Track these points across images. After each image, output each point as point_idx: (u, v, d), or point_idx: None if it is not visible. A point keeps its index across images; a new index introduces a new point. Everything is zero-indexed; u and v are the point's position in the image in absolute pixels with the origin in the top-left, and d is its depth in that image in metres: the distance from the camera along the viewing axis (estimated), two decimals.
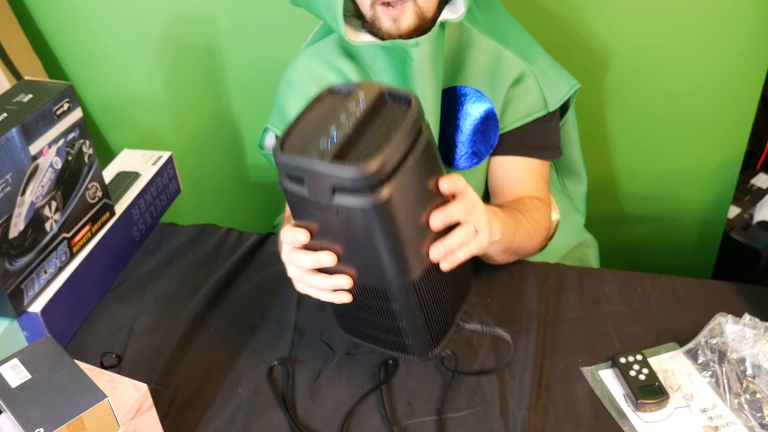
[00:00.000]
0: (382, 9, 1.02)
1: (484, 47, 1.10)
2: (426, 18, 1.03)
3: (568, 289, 1.11)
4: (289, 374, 0.99)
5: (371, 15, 1.04)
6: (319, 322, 1.07)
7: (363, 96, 0.76)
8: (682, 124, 1.46)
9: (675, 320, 1.05)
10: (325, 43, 1.13)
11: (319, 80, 1.11)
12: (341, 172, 0.68)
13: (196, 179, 1.63)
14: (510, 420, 0.91)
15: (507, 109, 1.12)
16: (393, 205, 0.70)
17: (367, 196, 0.69)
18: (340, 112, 0.75)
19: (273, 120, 1.18)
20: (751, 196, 1.59)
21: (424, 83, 1.04)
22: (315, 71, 1.12)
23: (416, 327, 0.82)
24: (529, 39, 1.16)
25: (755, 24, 1.31)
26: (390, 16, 1.02)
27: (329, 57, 1.11)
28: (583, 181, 1.33)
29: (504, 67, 1.09)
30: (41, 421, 0.71)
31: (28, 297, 1.01)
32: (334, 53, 1.11)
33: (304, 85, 1.12)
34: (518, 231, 1.01)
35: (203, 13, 1.48)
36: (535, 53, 1.14)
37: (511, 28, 1.15)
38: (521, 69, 1.10)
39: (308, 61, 1.13)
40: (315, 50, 1.13)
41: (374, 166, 0.68)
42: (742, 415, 0.90)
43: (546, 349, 1.01)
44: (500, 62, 1.09)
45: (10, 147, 0.93)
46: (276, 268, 1.19)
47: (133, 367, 1.02)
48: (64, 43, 1.58)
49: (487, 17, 1.14)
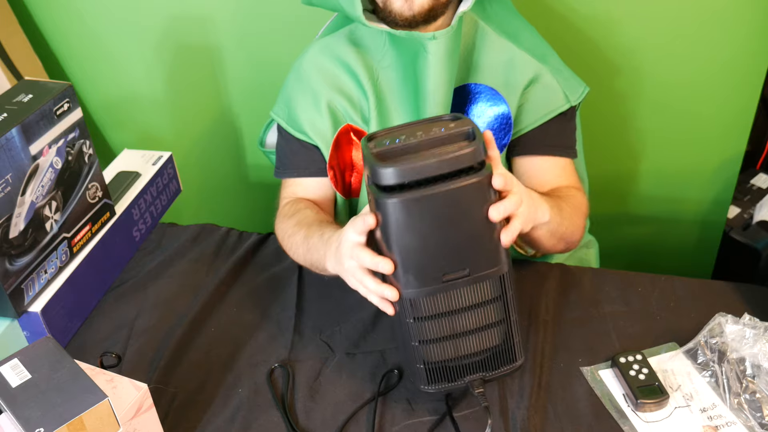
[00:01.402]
0: None
1: (498, 46, 1.09)
2: (441, 1, 1.01)
3: (568, 289, 1.12)
4: (289, 376, 0.99)
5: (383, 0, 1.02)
6: (319, 321, 1.08)
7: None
8: (681, 124, 1.46)
9: (675, 320, 1.05)
10: (335, 36, 1.13)
11: (326, 74, 1.11)
12: (454, 156, 0.77)
13: (196, 179, 1.63)
14: (510, 420, 0.91)
15: (526, 109, 1.10)
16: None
17: (480, 175, 0.78)
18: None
19: (277, 109, 1.18)
20: (751, 196, 1.59)
21: (438, 78, 1.03)
22: (323, 65, 1.12)
23: (516, 322, 0.86)
24: (540, 40, 1.16)
25: (755, 24, 1.31)
26: None
27: (338, 50, 1.11)
28: (584, 183, 1.32)
29: (518, 68, 1.08)
30: (41, 421, 0.71)
31: (29, 297, 1.01)
32: (343, 47, 1.11)
33: (311, 77, 1.12)
34: (563, 214, 1.01)
35: (203, 13, 1.48)
36: (547, 53, 1.13)
37: (523, 28, 1.15)
38: (536, 69, 1.09)
39: (317, 54, 1.13)
40: (325, 43, 1.13)
41: (482, 147, 0.79)
42: (742, 414, 0.90)
43: (546, 349, 1.01)
44: (514, 62, 1.08)
45: (10, 147, 0.93)
46: (276, 267, 1.19)
47: (134, 366, 1.02)
48: (64, 43, 1.58)
49: (499, 15, 1.13)
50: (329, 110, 1.11)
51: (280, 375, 1.00)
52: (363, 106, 1.11)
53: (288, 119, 1.15)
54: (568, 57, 1.19)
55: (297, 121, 1.13)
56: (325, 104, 1.11)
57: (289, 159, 1.17)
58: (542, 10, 1.36)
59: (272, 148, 1.28)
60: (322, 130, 1.12)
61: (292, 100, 1.14)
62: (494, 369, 0.88)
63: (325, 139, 1.12)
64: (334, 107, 1.12)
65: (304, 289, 1.14)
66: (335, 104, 1.11)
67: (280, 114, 1.17)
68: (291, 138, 1.15)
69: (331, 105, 1.11)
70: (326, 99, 1.11)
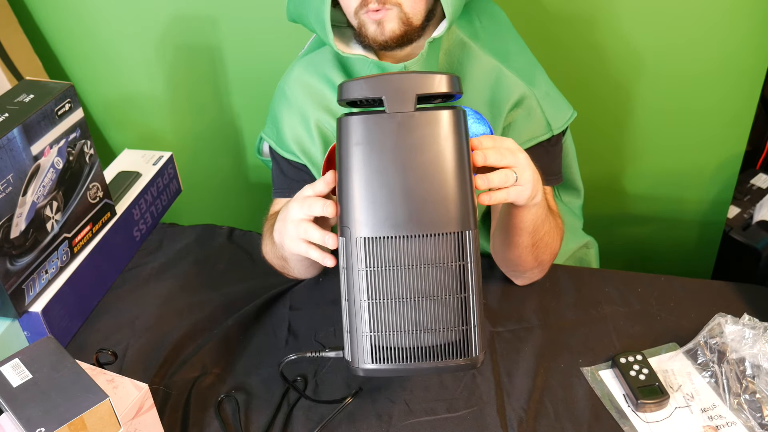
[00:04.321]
0: (367, 15, 1.00)
1: (485, 66, 1.07)
2: (413, 25, 1.00)
3: (568, 289, 1.12)
4: (287, 376, 0.99)
5: (357, 23, 1.02)
6: (314, 323, 1.08)
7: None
8: (681, 124, 1.46)
9: (675, 320, 1.05)
10: (319, 53, 1.12)
11: (312, 92, 1.10)
12: (430, 77, 0.75)
13: (197, 179, 1.63)
14: (509, 420, 0.91)
15: (508, 132, 1.09)
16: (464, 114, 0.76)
17: (449, 106, 0.75)
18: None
19: (267, 130, 1.17)
20: (751, 196, 1.59)
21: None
22: (308, 83, 1.11)
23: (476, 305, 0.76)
24: (531, 59, 1.13)
25: (755, 24, 1.31)
26: (374, 20, 0.99)
27: (323, 68, 1.10)
28: (580, 195, 1.31)
29: (504, 89, 1.07)
30: (42, 421, 0.71)
31: (29, 297, 1.01)
32: (327, 65, 1.10)
33: (297, 97, 1.11)
34: (547, 221, 0.99)
35: (203, 13, 1.48)
36: (537, 74, 1.11)
37: (514, 46, 1.12)
38: (521, 91, 1.07)
39: (302, 73, 1.12)
40: (309, 61, 1.12)
41: (459, 83, 0.77)
42: (742, 415, 0.90)
43: (546, 349, 1.01)
44: (500, 83, 1.07)
45: (11, 147, 0.93)
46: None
47: (134, 366, 1.02)
48: (64, 43, 1.58)
49: (489, 32, 1.11)
50: (318, 131, 1.10)
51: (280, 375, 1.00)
52: None
53: (277, 140, 1.14)
54: (568, 58, 1.19)
55: (285, 141, 1.12)
56: (314, 125, 1.10)
57: (279, 179, 1.16)
58: (541, 11, 1.36)
59: (269, 157, 1.28)
60: (311, 152, 1.11)
61: (279, 121, 1.14)
62: (446, 357, 0.75)
63: (314, 161, 1.11)
64: (323, 127, 1.10)
65: (302, 290, 1.14)
66: (324, 124, 1.10)
67: (270, 135, 1.16)
68: (281, 158, 1.14)
69: (320, 125, 1.10)
70: (315, 119, 1.10)
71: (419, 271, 0.74)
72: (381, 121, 0.74)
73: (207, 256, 1.24)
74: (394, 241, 0.74)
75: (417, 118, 0.74)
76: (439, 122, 0.74)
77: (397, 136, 0.74)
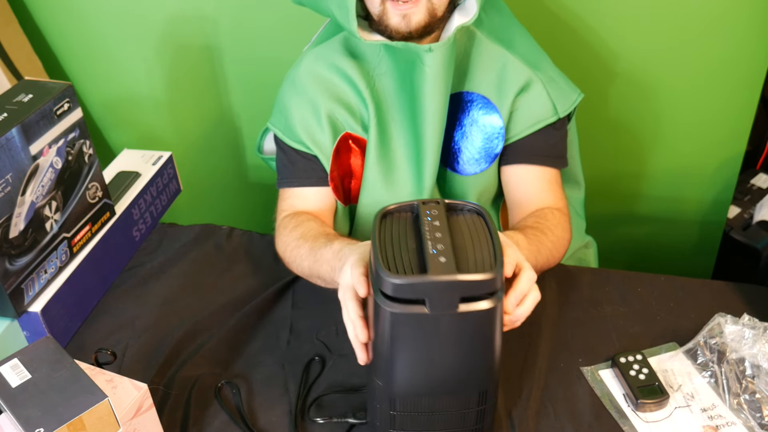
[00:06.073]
0: (392, 4, 1.00)
1: (491, 53, 1.09)
2: (436, 16, 1.01)
3: (568, 289, 1.12)
4: (286, 376, 0.99)
5: (380, 11, 1.02)
6: (316, 321, 1.08)
7: (428, 211, 0.80)
8: (681, 124, 1.46)
9: (675, 320, 1.05)
10: (329, 44, 1.13)
11: (323, 82, 1.11)
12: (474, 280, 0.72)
13: (196, 179, 1.63)
14: (509, 420, 0.91)
15: (515, 117, 1.11)
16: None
17: (492, 298, 0.74)
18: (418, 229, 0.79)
19: (274, 120, 1.17)
20: (751, 196, 1.59)
21: (435, 89, 1.03)
22: (319, 73, 1.11)
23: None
24: (535, 46, 1.15)
25: (755, 24, 1.31)
26: (400, 12, 1.00)
27: (333, 58, 1.10)
28: (581, 189, 1.32)
29: (510, 75, 1.08)
30: (41, 421, 0.71)
31: (29, 297, 1.01)
32: (338, 55, 1.10)
33: (307, 87, 1.11)
34: (540, 253, 1.00)
35: (203, 13, 1.48)
36: (541, 60, 1.13)
37: (518, 34, 1.14)
38: (527, 76, 1.08)
39: (312, 63, 1.12)
40: (319, 52, 1.13)
41: (502, 271, 0.75)
42: (742, 415, 0.90)
43: (546, 349, 1.01)
44: (506, 69, 1.08)
45: (10, 147, 0.93)
46: (275, 267, 1.19)
47: (134, 366, 1.02)
48: (64, 43, 1.58)
49: (494, 22, 1.13)
50: (329, 121, 1.10)
51: (280, 375, 1.00)
52: (363, 113, 1.11)
53: (285, 129, 1.14)
54: (568, 58, 1.19)
55: (294, 131, 1.12)
56: (325, 116, 1.10)
57: (288, 169, 1.15)
58: (541, 12, 1.37)
59: (270, 155, 1.28)
60: (322, 142, 1.11)
61: (288, 111, 1.13)
62: None
63: (324, 151, 1.11)
64: (335, 118, 1.11)
65: (302, 289, 1.14)
66: (335, 115, 1.11)
67: (277, 124, 1.16)
68: (288, 148, 1.14)
69: (332, 116, 1.10)
70: (326, 110, 1.10)
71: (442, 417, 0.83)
72: (423, 320, 0.74)
73: (207, 256, 1.23)
74: (421, 398, 0.81)
75: (458, 318, 0.74)
76: (479, 318, 0.75)
77: (437, 332, 0.75)
